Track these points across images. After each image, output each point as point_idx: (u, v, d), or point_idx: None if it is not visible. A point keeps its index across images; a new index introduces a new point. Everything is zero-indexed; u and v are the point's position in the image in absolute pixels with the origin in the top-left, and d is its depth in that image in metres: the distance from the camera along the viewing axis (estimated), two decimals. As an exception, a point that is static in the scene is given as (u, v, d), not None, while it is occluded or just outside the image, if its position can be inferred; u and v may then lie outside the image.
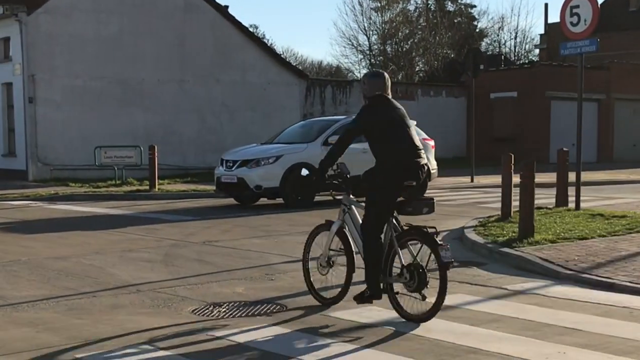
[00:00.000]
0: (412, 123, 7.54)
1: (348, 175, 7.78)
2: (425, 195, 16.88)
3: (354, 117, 7.54)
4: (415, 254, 7.09)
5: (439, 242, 6.91)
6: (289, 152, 17.67)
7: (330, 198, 8.86)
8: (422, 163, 7.24)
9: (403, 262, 7.10)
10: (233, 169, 17.65)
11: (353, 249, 7.69)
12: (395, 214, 7.30)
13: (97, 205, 19.01)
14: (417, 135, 7.50)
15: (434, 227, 7.09)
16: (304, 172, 9.81)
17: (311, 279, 7.95)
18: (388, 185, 7.21)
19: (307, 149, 17.66)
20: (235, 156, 18.09)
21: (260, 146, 18.85)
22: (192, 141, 29.30)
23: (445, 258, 6.84)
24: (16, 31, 26.44)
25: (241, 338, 6.56)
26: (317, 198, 18.12)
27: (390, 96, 7.54)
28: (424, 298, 7.02)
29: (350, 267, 7.74)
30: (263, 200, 18.43)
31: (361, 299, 7.33)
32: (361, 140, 18.61)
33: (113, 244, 12.22)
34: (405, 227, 7.24)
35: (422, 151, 7.31)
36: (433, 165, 19.52)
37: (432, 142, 19.80)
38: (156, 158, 21.83)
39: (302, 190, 16.95)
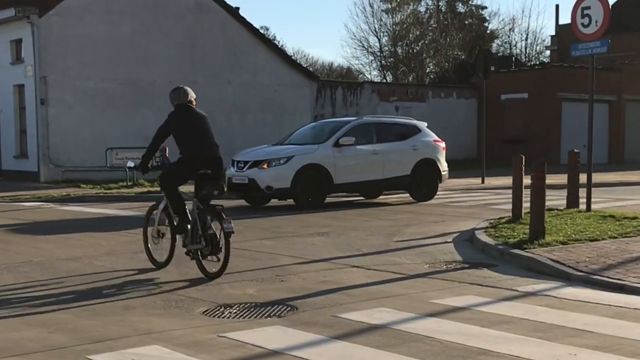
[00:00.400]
0: (423, 124, 8.03)
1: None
2: (220, 181, 18.71)
3: (364, 117, 8.92)
4: (209, 226, 9.23)
5: (224, 217, 9.05)
6: (300, 153, 17.69)
7: (341, 199, 10.65)
8: (213, 156, 9.47)
9: (200, 233, 9.23)
10: (244, 169, 17.69)
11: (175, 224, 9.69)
12: (197, 197, 9.47)
13: (108, 206, 19.08)
14: (428, 136, 8.09)
15: (221, 205, 9.29)
16: (130, 164, 12.16)
17: (148, 246, 10.14)
18: (181, 168, 9.68)
19: (318, 150, 17.77)
20: (247, 157, 18.11)
21: (272, 147, 18.85)
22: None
23: (228, 228, 8.99)
24: (28, 33, 26.56)
25: (252, 339, 6.58)
26: (327, 200, 18.17)
27: (193, 105, 9.69)
28: (218, 260, 9.13)
29: (173, 238, 9.84)
30: (274, 202, 18.47)
31: (187, 252, 9.56)
32: (371, 141, 17.71)
33: (124, 245, 12.27)
34: (201, 207, 9.33)
35: (217, 148, 9.53)
36: (444, 167, 19.52)
37: (442, 144, 19.75)
38: (167, 159, 21.85)
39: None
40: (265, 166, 17.47)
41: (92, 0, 27.37)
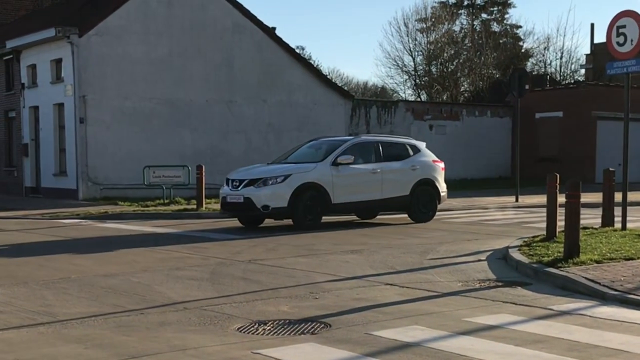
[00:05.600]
0: (422, 144, 7.82)
1: None
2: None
3: (361, 136, 8.40)
4: None
5: None
6: (298, 171, 17.23)
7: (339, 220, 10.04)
8: None
9: None
10: (239, 188, 17.16)
11: None
12: None
13: (145, 223, 19.27)
14: (427, 156, 7.93)
15: None
16: None
17: None
18: None
19: (316, 169, 17.37)
20: (242, 175, 17.61)
21: (268, 166, 18.39)
22: (239, 161, 29.44)
23: None
24: (68, 53, 27.00)
25: (285, 356, 6.64)
26: (326, 219, 17.92)
27: None
28: None
29: None
30: (269, 222, 18.08)
31: None
32: (370, 161, 17.42)
33: (160, 262, 12.40)
34: None
35: None
36: (443, 187, 19.12)
37: (442, 164, 19.36)
38: (203, 177, 22.10)
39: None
40: (261, 185, 16.99)
41: (130, 21, 27.78)
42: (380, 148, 18.32)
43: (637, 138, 34.80)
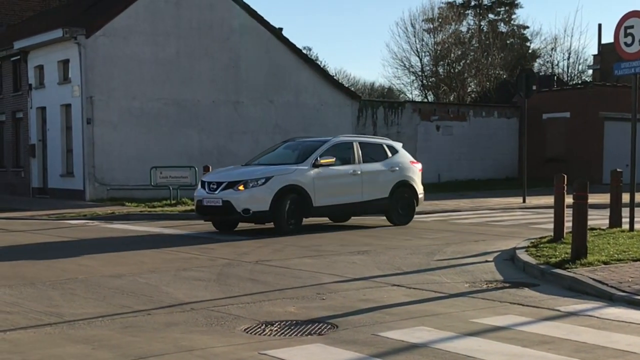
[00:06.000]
0: (399, 145, 7.71)
1: None
2: None
3: (340, 137, 8.16)
4: None
5: None
6: (279, 173, 16.47)
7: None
8: None
9: None
10: (217, 191, 16.35)
11: None
12: None
13: (152, 224, 19.30)
14: (405, 157, 7.80)
15: None
16: None
17: None
18: None
19: (297, 171, 16.67)
20: (220, 177, 16.82)
21: (245, 168, 17.65)
22: (246, 162, 29.50)
23: None
24: (75, 54, 27.07)
25: (292, 357, 6.64)
26: (312, 221, 17.78)
27: None
28: None
29: None
30: (245, 226, 17.66)
31: None
32: (349, 162, 16.93)
33: (167, 262, 12.42)
34: None
35: None
36: (420, 189, 18.69)
37: (419, 165, 18.94)
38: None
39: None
40: (241, 187, 16.18)
41: (138, 21, 27.84)
42: (360, 149, 17.74)
43: (644, 139, 34.60)
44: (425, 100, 50.72)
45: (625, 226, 14.65)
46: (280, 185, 16.27)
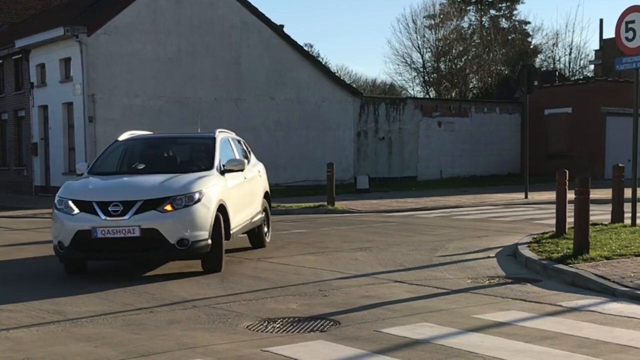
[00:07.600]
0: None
1: None
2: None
3: (218, 131, 7.84)
4: None
5: None
6: (208, 185, 11.11)
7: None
8: None
9: None
10: (128, 215, 10.40)
11: None
12: None
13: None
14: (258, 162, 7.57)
15: None
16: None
17: None
18: None
19: (217, 181, 11.52)
20: (126, 194, 10.73)
21: (144, 177, 11.39)
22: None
23: None
24: (77, 52, 27.08)
25: (295, 354, 6.65)
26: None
27: None
28: None
29: None
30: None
31: None
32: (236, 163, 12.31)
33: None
34: None
35: None
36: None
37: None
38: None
39: None
40: (168, 207, 10.58)
41: (139, 19, 27.84)
42: (227, 147, 12.97)
43: (646, 134, 34.57)
44: (427, 96, 50.69)
45: (627, 221, 14.64)
46: (215, 202, 11.06)
